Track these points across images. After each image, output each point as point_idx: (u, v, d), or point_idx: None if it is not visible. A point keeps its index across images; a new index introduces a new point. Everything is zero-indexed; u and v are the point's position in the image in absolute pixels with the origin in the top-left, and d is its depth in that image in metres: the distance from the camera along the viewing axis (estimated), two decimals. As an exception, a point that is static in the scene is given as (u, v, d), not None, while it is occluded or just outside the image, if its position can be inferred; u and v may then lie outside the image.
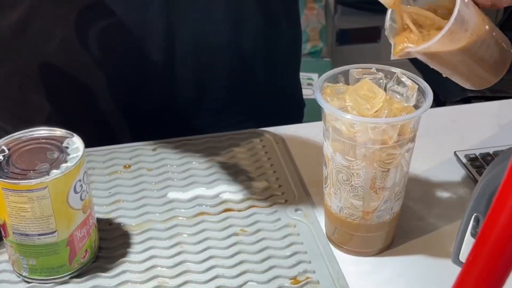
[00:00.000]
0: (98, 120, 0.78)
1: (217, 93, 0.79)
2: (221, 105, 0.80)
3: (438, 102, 1.63)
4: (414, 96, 0.54)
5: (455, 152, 0.72)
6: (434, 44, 0.50)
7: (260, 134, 0.75)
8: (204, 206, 0.64)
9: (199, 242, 0.60)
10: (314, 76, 1.58)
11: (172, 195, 0.65)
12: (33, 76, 0.75)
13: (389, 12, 0.55)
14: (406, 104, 0.54)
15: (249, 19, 0.76)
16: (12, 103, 0.79)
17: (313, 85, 1.10)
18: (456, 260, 0.50)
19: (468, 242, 0.49)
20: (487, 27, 0.53)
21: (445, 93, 1.56)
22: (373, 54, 1.96)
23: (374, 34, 2.00)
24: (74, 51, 0.73)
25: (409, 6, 0.55)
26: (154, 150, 0.71)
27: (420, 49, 0.51)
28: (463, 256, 0.49)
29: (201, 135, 0.74)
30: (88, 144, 0.71)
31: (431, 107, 0.54)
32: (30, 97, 0.76)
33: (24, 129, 0.56)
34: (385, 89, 0.56)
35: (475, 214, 0.46)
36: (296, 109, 0.91)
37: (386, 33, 0.55)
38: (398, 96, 0.54)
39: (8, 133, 0.56)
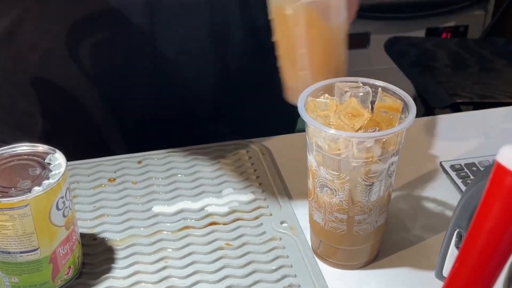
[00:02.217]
0: (87, 128, 0.78)
1: (204, 105, 0.79)
2: (209, 116, 0.80)
3: (427, 108, 1.64)
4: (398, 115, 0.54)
5: (440, 162, 0.72)
6: None
7: (246, 146, 0.75)
8: (189, 220, 0.64)
9: (184, 256, 0.59)
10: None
11: (157, 208, 0.65)
12: (20, 84, 0.75)
13: None
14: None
15: (234, 32, 0.76)
16: (2, 111, 0.78)
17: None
18: (440, 275, 0.50)
19: (451, 257, 0.48)
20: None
21: (434, 99, 1.56)
22: (362, 60, 1.97)
23: (362, 40, 2.00)
24: (60, 63, 0.73)
25: None
26: (139, 162, 0.71)
27: None
28: (446, 271, 0.49)
29: (186, 147, 0.73)
30: (78, 152, 0.71)
31: (417, 116, 0.54)
32: (18, 104, 0.76)
33: (13, 135, 0.55)
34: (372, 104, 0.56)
35: (457, 230, 0.46)
36: (288, 118, 0.91)
37: None
38: (384, 114, 0.54)
39: None
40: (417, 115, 0.54)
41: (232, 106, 0.81)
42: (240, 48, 0.77)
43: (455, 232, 0.46)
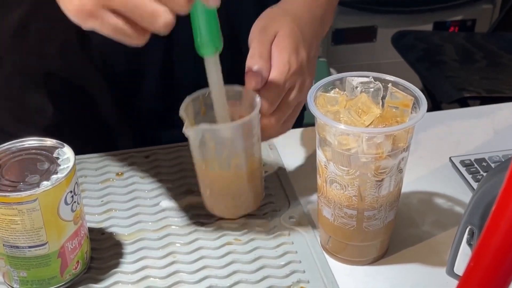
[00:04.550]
0: (99, 123, 0.78)
1: None
2: None
3: (435, 102, 1.63)
4: (409, 110, 0.54)
5: (450, 158, 0.71)
6: None
7: (254, 140, 0.74)
8: (197, 215, 0.63)
9: (192, 251, 0.59)
10: (310, 76, 1.57)
11: (165, 203, 0.65)
12: (33, 78, 0.74)
13: None
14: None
15: (247, 21, 0.75)
16: (13, 104, 0.78)
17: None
18: (451, 272, 0.49)
19: (463, 254, 0.48)
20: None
21: (442, 94, 1.55)
22: (368, 53, 1.96)
23: (369, 34, 1.99)
24: (74, 54, 0.72)
25: None
26: (147, 157, 0.71)
27: None
28: (458, 268, 0.49)
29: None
30: (87, 146, 0.71)
31: (426, 110, 0.53)
32: (30, 98, 0.76)
33: (25, 130, 0.55)
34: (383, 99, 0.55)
35: (469, 227, 0.45)
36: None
37: None
38: (394, 110, 0.54)
39: (8, 134, 0.55)
40: (425, 110, 0.54)
41: None
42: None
43: (467, 229, 0.46)
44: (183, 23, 0.73)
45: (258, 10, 0.77)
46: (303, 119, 0.90)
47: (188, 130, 0.56)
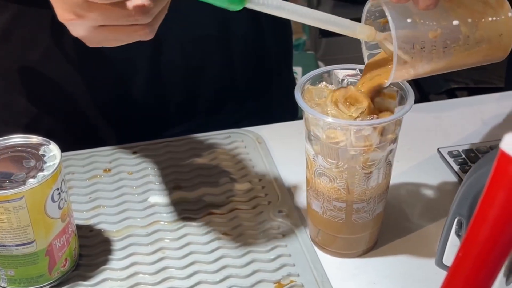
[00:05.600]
0: (84, 124, 0.77)
1: (207, 95, 0.78)
2: (212, 106, 0.79)
3: (422, 93, 1.64)
4: (395, 102, 0.54)
5: (438, 149, 0.71)
6: (394, 77, 0.49)
7: (243, 134, 0.74)
8: (186, 210, 0.63)
9: (182, 247, 0.59)
10: (298, 69, 1.57)
11: (153, 199, 0.64)
12: (17, 82, 0.74)
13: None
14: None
15: (237, 18, 0.75)
16: None
17: (297, 79, 1.09)
18: (440, 264, 0.49)
19: (451, 245, 0.48)
20: (454, 22, 0.49)
21: (429, 85, 1.56)
22: (356, 46, 1.96)
23: (356, 25, 1.98)
24: (58, 59, 0.72)
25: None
26: (134, 153, 0.70)
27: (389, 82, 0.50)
28: (447, 259, 0.49)
29: (181, 136, 0.73)
30: (74, 147, 0.70)
31: (414, 102, 0.53)
32: (14, 100, 0.75)
33: (9, 132, 0.55)
34: None
35: (457, 218, 0.45)
36: (292, 105, 0.90)
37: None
38: (380, 102, 0.54)
39: None
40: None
41: (234, 96, 0.80)
42: (243, 38, 0.76)
43: (456, 220, 0.46)
44: (171, 24, 0.73)
45: (249, 12, 0.76)
46: (297, 113, 0.90)
47: None
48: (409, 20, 0.48)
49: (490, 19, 0.49)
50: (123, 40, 0.49)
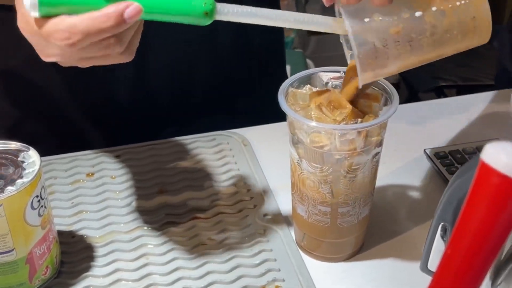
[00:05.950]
0: (70, 128, 0.76)
1: (195, 99, 0.77)
2: (201, 110, 0.78)
3: (411, 91, 1.64)
4: (380, 105, 0.53)
5: (424, 149, 0.71)
6: (362, 79, 0.48)
7: (228, 137, 0.73)
8: (170, 215, 0.62)
9: (165, 253, 0.58)
10: (287, 68, 1.56)
11: (137, 203, 0.63)
12: None
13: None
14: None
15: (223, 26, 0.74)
16: None
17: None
18: (425, 269, 0.49)
19: (436, 250, 0.48)
20: (416, 13, 0.46)
21: (418, 83, 1.56)
22: (340, 44, 1.95)
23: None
24: (41, 63, 0.71)
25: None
26: (117, 156, 0.69)
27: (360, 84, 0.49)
28: (432, 264, 0.49)
29: (165, 139, 0.72)
30: (60, 150, 0.69)
31: (401, 99, 0.53)
32: None
33: None
34: None
35: (442, 223, 0.45)
36: (279, 109, 0.89)
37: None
38: (363, 104, 0.53)
39: None
40: (401, 99, 0.53)
41: (223, 100, 0.79)
42: (231, 40, 0.76)
43: (440, 226, 0.45)
44: (156, 28, 0.72)
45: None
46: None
47: None
48: (366, 20, 0.46)
49: (457, 3, 0.46)
50: (101, 64, 0.48)
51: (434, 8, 0.45)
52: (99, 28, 0.43)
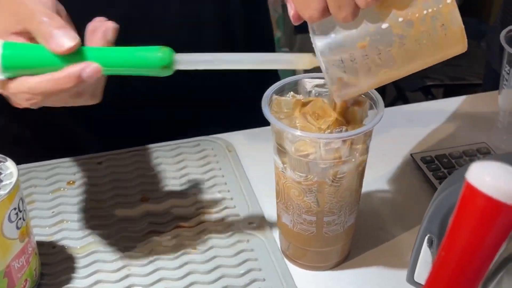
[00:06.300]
0: (57, 132, 0.75)
1: (181, 111, 0.76)
2: (182, 118, 0.77)
3: (399, 90, 1.63)
4: (362, 109, 0.52)
5: (411, 154, 0.70)
6: (336, 96, 0.47)
7: (212, 142, 0.72)
8: (153, 224, 0.61)
9: (148, 263, 0.57)
10: (273, 67, 1.55)
11: (119, 212, 0.62)
12: None
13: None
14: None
15: (207, 27, 0.73)
16: None
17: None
18: (411, 281, 0.48)
19: (423, 261, 0.47)
20: (383, 26, 0.44)
21: (405, 82, 1.55)
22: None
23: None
24: None
25: None
26: (99, 163, 0.68)
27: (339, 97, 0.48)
28: (418, 276, 0.48)
29: (148, 145, 0.70)
30: (47, 154, 0.68)
31: (389, 99, 0.52)
32: None
33: None
34: None
35: (428, 235, 0.44)
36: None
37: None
38: (347, 109, 0.52)
39: None
40: (388, 98, 0.53)
41: (210, 106, 0.78)
42: (214, 45, 0.74)
43: (426, 238, 0.44)
44: (139, 36, 0.70)
45: (219, 12, 0.74)
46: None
47: None
48: (332, 35, 0.45)
49: (424, 12, 0.44)
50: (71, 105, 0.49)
51: (400, 19, 0.44)
52: (60, 88, 0.44)
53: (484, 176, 0.26)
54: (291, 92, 0.54)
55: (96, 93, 0.48)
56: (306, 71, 0.54)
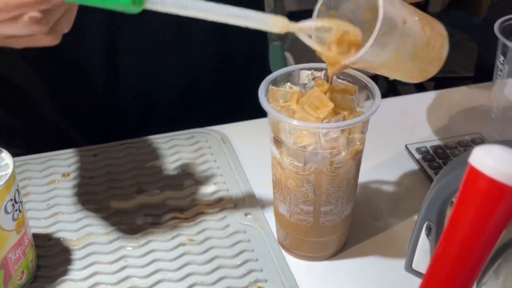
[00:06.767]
0: (47, 125, 0.75)
1: (167, 100, 0.76)
2: (174, 111, 0.77)
3: (390, 83, 1.63)
4: (355, 97, 0.52)
5: (406, 145, 0.71)
6: (368, 50, 0.47)
7: (207, 134, 0.72)
8: (149, 215, 0.61)
9: (145, 254, 0.57)
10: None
11: (114, 204, 0.62)
12: None
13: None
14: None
15: (196, 29, 0.73)
16: None
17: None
18: (409, 269, 0.48)
19: (421, 250, 0.47)
20: (417, 23, 0.49)
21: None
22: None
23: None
24: (16, 62, 0.69)
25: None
26: (95, 156, 0.68)
27: (354, 59, 0.48)
28: (416, 264, 0.48)
29: (143, 137, 0.70)
30: (40, 147, 0.67)
31: (383, 96, 0.52)
32: None
33: None
34: None
35: (426, 223, 0.44)
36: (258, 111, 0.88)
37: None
38: (340, 97, 0.52)
39: None
40: (380, 91, 0.53)
41: (198, 99, 0.78)
42: (203, 38, 0.74)
43: (424, 225, 0.45)
44: (125, 29, 0.70)
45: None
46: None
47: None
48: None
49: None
50: (28, 45, 0.47)
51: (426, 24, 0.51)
52: (20, 1, 0.42)
53: (488, 160, 0.26)
54: (288, 83, 0.54)
55: (57, 30, 0.46)
56: (295, 58, 0.54)
